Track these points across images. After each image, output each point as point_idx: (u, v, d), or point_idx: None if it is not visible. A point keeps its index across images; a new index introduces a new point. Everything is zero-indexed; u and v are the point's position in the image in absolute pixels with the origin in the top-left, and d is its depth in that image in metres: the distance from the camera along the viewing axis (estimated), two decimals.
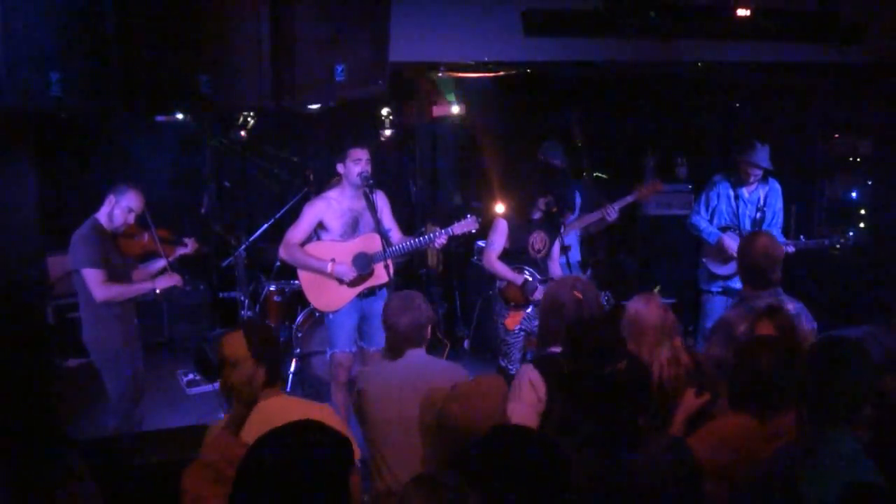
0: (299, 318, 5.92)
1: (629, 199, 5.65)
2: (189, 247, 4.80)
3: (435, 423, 2.54)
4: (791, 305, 3.52)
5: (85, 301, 4.39)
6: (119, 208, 4.40)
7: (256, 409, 2.65)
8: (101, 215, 4.41)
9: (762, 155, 5.31)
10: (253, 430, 2.47)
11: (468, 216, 4.85)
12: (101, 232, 4.39)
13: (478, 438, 1.97)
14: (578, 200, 5.65)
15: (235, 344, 2.66)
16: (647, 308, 3.25)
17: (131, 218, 4.47)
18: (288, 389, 5.85)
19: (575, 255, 5.74)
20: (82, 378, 5.19)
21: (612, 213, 5.49)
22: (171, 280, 4.53)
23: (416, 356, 3.37)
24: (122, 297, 4.40)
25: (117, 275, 4.42)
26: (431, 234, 4.77)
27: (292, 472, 1.75)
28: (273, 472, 1.76)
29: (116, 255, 4.45)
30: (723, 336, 3.53)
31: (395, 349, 3.37)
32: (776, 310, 3.28)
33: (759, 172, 5.37)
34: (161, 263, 4.61)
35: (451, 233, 4.76)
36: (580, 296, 3.23)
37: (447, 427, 2.38)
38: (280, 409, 2.59)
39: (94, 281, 4.27)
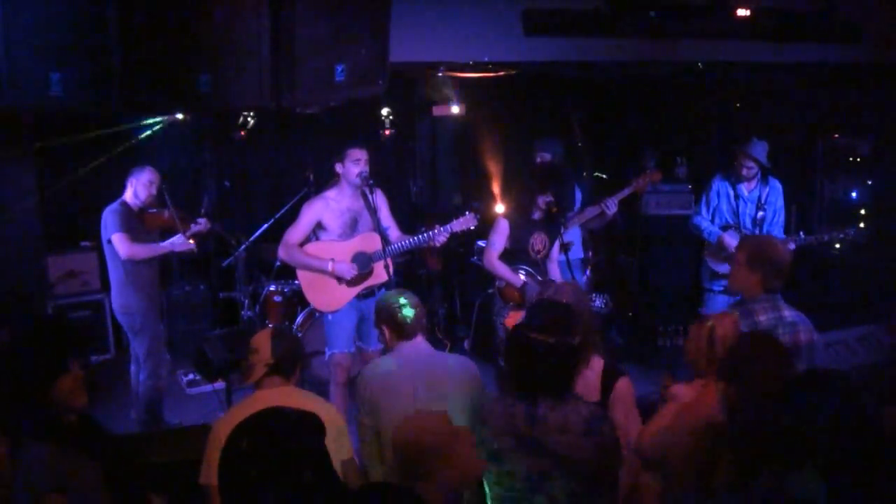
0: (299, 319, 5.91)
1: (627, 191, 5.66)
2: (202, 225, 5.33)
3: (390, 451, 2.57)
4: (787, 313, 3.39)
5: (113, 270, 5.05)
6: (140, 184, 5.04)
7: (260, 395, 2.98)
8: (126, 196, 5.06)
9: (759, 149, 5.34)
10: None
11: (467, 213, 4.87)
12: (128, 209, 5.04)
13: None
14: (579, 196, 5.65)
15: (262, 339, 3.05)
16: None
17: (153, 189, 5.09)
18: None
19: (577, 252, 5.73)
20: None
21: (611, 206, 5.49)
22: (186, 245, 5.12)
23: (418, 346, 3.36)
24: (144, 254, 5.02)
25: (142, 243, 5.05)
26: (431, 232, 4.77)
27: (267, 451, 1.93)
28: (250, 454, 1.95)
29: (141, 229, 5.07)
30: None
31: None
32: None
33: (754, 168, 5.38)
34: (179, 238, 5.13)
35: (451, 230, 4.77)
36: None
37: (404, 455, 2.39)
38: (279, 397, 2.87)
39: (121, 241, 4.92)
